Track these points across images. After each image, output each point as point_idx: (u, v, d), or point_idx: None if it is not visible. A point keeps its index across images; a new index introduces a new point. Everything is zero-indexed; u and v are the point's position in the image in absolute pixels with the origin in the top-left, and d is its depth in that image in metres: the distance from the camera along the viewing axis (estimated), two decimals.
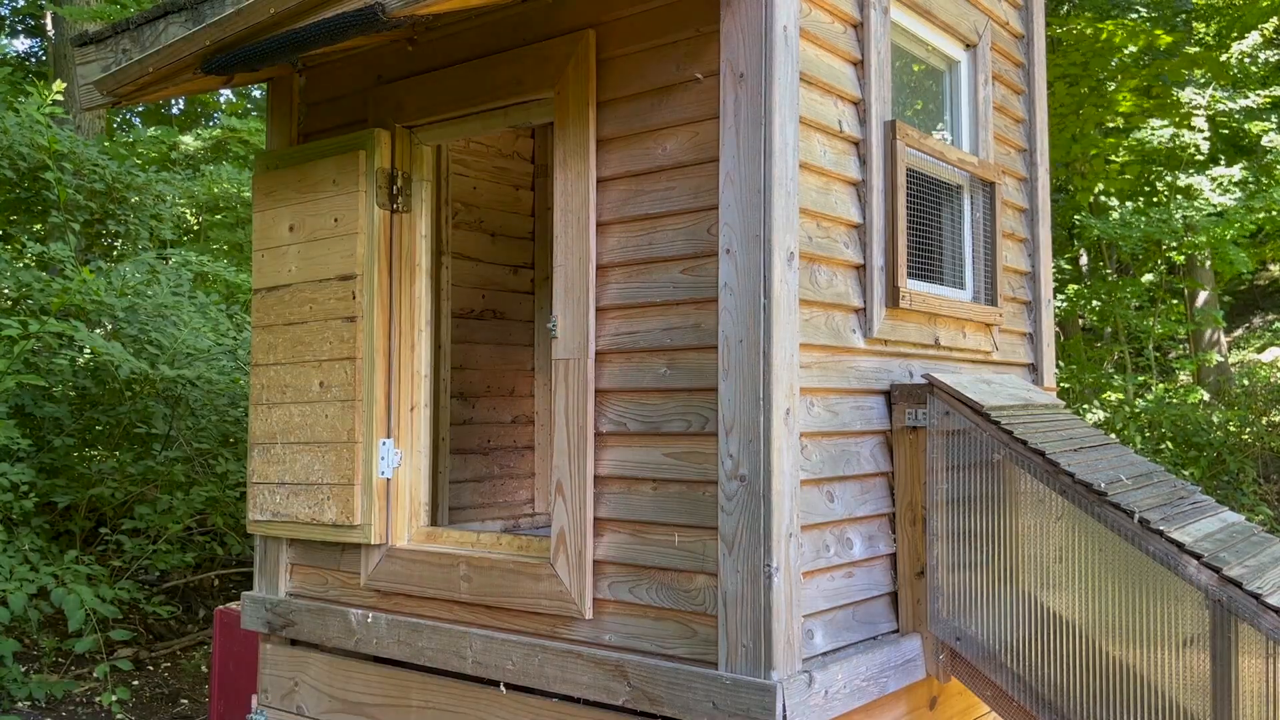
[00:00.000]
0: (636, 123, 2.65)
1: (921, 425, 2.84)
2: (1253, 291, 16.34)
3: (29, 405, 5.66)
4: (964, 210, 3.38)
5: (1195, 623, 2.37)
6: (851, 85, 2.81)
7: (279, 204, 3.32)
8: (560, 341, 2.71)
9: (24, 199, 6.83)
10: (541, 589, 2.71)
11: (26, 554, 4.99)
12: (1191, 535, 2.47)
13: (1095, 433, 3.07)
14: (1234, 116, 11.19)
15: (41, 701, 4.76)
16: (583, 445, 2.65)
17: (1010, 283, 3.61)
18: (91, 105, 3.28)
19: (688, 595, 2.50)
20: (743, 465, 2.40)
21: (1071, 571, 2.61)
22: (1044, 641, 2.63)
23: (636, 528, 2.59)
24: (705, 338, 2.50)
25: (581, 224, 2.69)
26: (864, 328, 2.83)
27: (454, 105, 3.04)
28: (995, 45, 3.57)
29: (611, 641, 2.62)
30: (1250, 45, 11.23)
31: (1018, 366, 3.64)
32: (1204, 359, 12.96)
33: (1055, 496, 2.62)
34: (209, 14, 2.91)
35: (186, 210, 10.26)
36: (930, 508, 2.83)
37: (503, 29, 2.93)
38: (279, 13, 2.62)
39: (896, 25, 3.06)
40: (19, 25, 15.82)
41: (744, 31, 2.46)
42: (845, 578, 2.69)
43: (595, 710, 2.62)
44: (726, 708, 2.37)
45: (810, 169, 2.62)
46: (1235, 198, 10.82)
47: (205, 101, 13.49)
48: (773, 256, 2.40)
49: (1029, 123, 3.79)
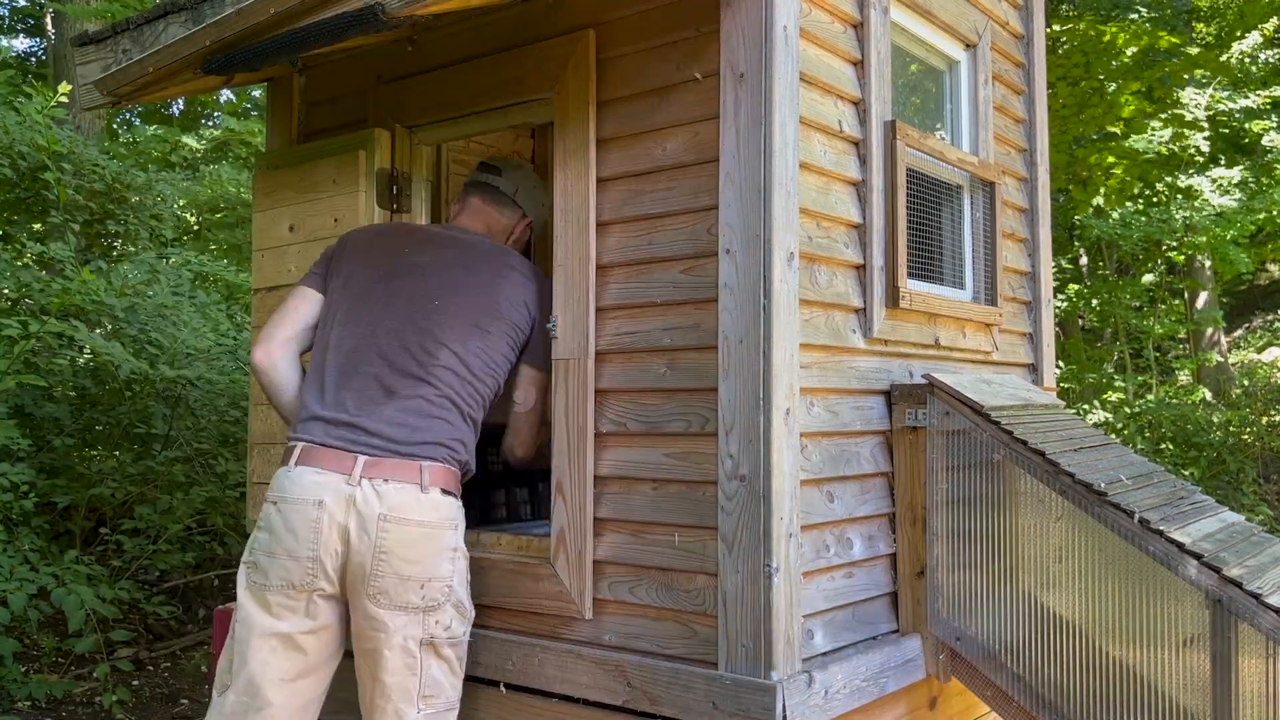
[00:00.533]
0: (636, 123, 2.65)
1: (921, 425, 2.84)
2: (1253, 291, 16.35)
3: (29, 405, 5.66)
4: (964, 210, 3.38)
5: (1195, 623, 2.37)
6: (851, 85, 2.81)
7: (279, 204, 3.31)
8: (560, 341, 2.71)
9: (24, 199, 6.83)
10: (541, 589, 2.71)
11: (26, 554, 4.99)
12: (1191, 535, 2.47)
13: (1095, 433, 3.07)
14: (1234, 116, 11.19)
15: (41, 702, 4.76)
16: (582, 445, 2.65)
17: (1010, 283, 3.61)
18: (91, 105, 3.27)
19: (688, 595, 2.50)
20: (743, 465, 2.40)
21: (1072, 571, 2.61)
22: (1044, 641, 2.63)
23: (636, 528, 2.59)
24: (705, 338, 2.50)
25: (581, 224, 2.69)
26: (864, 328, 2.82)
27: (454, 105, 3.05)
28: (995, 45, 3.57)
29: (611, 641, 2.62)
30: (1251, 45, 11.23)
31: (1018, 367, 3.64)
32: (1204, 359, 12.97)
33: (1055, 496, 2.62)
34: (209, 14, 2.91)
35: (187, 211, 10.26)
36: (930, 508, 2.82)
37: (503, 29, 2.93)
38: (279, 13, 2.61)
39: (896, 25, 3.06)
40: (19, 25, 15.82)
41: (744, 31, 2.46)
42: (845, 578, 2.69)
43: (595, 710, 2.62)
44: (726, 708, 2.37)
45: (810, 169, 2.62)
46: (1235, 199, 10.82)
47: (205, 102, 13.50)
48: (773, 256, 2.40)
49: (1029, 123, 3.79)
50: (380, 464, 2.42)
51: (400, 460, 2.44)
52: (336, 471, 2.42)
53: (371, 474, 2.41)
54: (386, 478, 2.41)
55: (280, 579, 2.42)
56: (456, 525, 2.50)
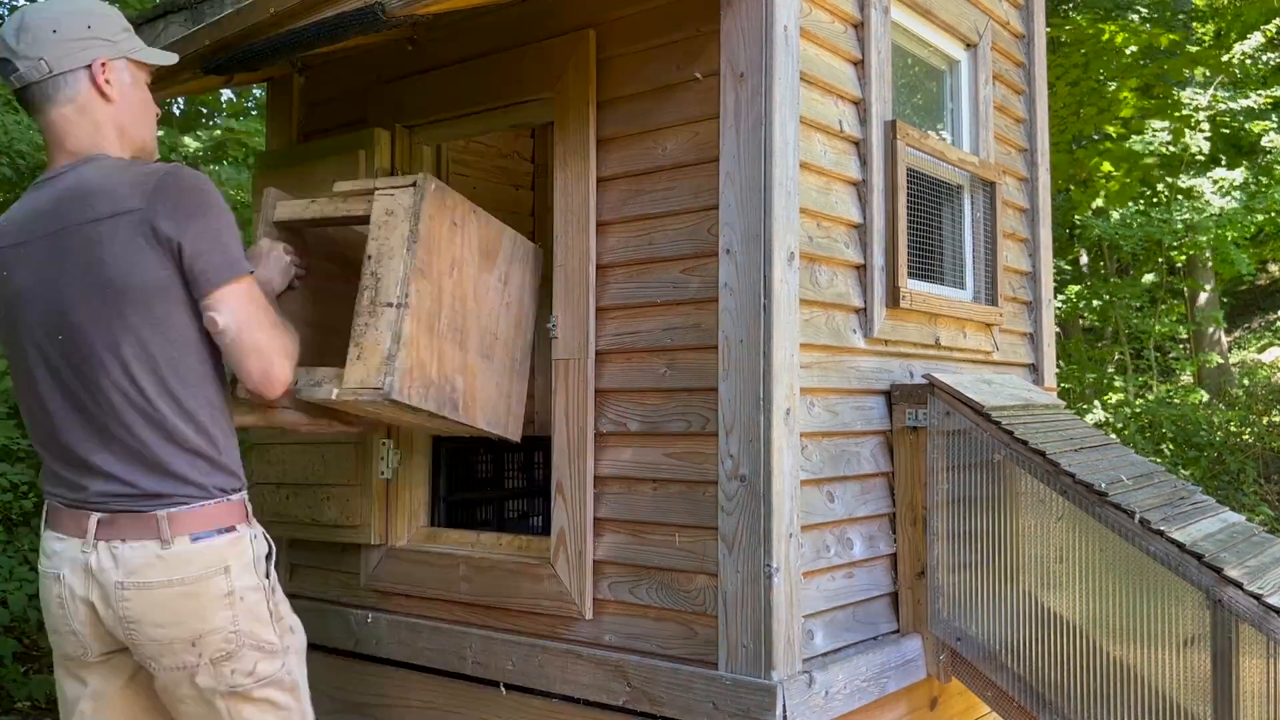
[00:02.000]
0: (636, 123, 2.65)
1: (922, 425, 2.84)
2: (1253, 291, 16.35)
3: None
4: (964, 210, 3.38)
5: (1196, 623, 2.37)
6: (852, 85, 2.81)
7: None
8: (560, 341, 2.71)
9: None
10: (541, 589, 2.71)
11: (26, 554, 4.99)
12: (1192, 535, 2.47)
13: (1096, 433, 3.07)
14: (1234, 116, 11.19)
15: (41, 702, 4.76)
16: (582, 445, 2.65)
17: (1011, 283, 3.60)
18: None
19: (688, 595, 2.50)
20: (743, 465, 2.40)
21: (1072, 572, 2.61)
22: (1045, 642, 2.63)
23: (637, 528, 2.59)
24: (705, 338, 2.50)
25: (581, 224, 2.69)
26: (864, 328, 2.82)
27: (454, 105, 3.04)
28: (996, 45, 3.57)
29: (612, 642, 2.62)
30: (1252, 47, 11.23)
31: (1018, 366, 3.64)
32: (1204, 359, 12.96)
33: (1056, 497, 2.61)
34: (209, 14, 2.91)
35: None
36: (931, 508, 2.82)
37: (503, 29, 2.93)
38: (279, 12, 2.61)
39: (897, 25, 3.06)
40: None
41: (744, 31, 2.46)
42: (845, 578, 2.69)
43: (595, 710, 2.62)
44: (727, 708, 2.37)
45: (810, 169, 2.62)
46: (1236, 199, 10.82)
47: (206, 102, 13.49)
48: (773, 256, 2.40)
49: (1029, 122, 3.79)
50: (114, 522, 2.01)
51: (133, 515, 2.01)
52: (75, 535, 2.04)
53: (105, 535, 2.00)
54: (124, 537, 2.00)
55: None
56: (227, 568, 2.04)
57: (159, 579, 1.99)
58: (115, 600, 1.99)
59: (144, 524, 1.99)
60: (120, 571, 1.99)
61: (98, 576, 2.00)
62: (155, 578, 1.99)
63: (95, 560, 2.00)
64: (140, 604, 1.99)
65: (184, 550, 2.00)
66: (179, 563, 2.00)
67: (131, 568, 1.98)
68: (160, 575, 1.99)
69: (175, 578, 2.00)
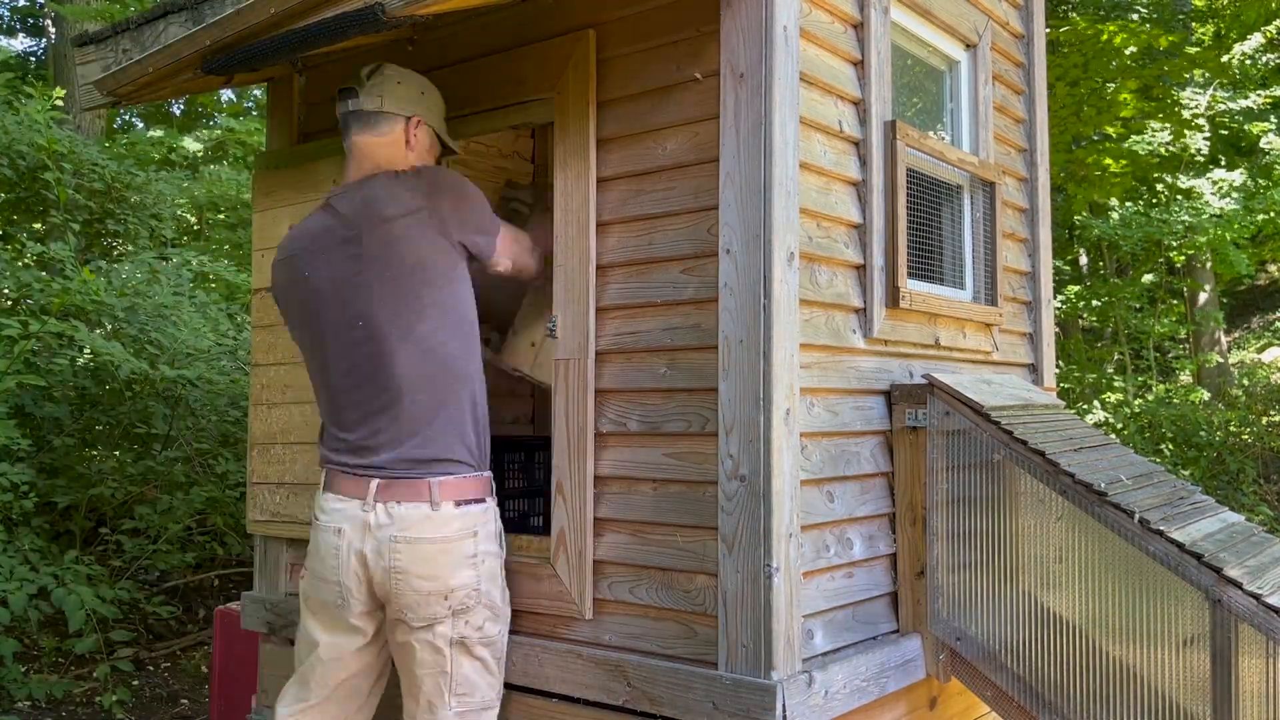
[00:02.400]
0: (636, 123, 2.65)
1: (922, 425, 2.84)
2: (1253, 291, 16.35)
3: (29, 405, 5.66)
4: (964, 210, 3.38)
5: (1195, 623, 2.37)
6: (852, 85, 2.81)
7: (279, 204, 3.31)
8: (560, 341, 2.71)
9: (24, 199, 6.83)
10: (541, 589, 2.71)
11: (26, 554, 4.99)
12: (1192, 535, 2.47)
13: (1095, 433, 3.07)
14: (1234, 117, 11.19)
15: (41, 702, 4.76)
16: (582, 445, 2.65)
17: (1010, 283, 3.61)
18: (91, 105, 3.27)
19: (688, 595, 2.50)
20: (743, 465, 2.40)
21: (1072, 571, 2.61)
22: (1044, 641, 2.63)
23: (637, 528, 2.59)
24: (705, 338, 2.50)
25: (581, 224, 2.69)
26: (864, 328, 2.83)
27: (453, 105, 3.04)
28: (995, 45, 3.57)
29: (611, 641, 2.62)
30: (1251, 48, 11.23)
31: (1018, 366, 3.64)
32: (1204, 359, 12.97)
33: (1055, 496, 2.62)
34: (209, 14, 2.91)
35: (187, 211, 10.26)
36: (930, 508, 2.83)
37: (502, 29, 2.93)
38: (279, 13, 2.61)
39: (897, 25, 3.06)
40: (19, 25, 15.82)
41: (744, 31, 2.46)
42: (845, 578, 2.69)
43: (595, 710, 2.62)
44: (726, 708, 2.37)
45: (810, 169, 2.62)
46: (1235, 199, 10.83)
47: (206, 102, 13.49)
48: (773, 256, 2.40)
49: (1029, 123, 3.79)
50: (392, 487, 2.45)
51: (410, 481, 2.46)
52: (355, 496, 2.47)
53: (385, 497, 2.44)
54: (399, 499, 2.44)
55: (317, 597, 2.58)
56: (475, 533, 2.49)
57: (426, 536, 2.40)
58: (389, 552, 2.39)
59: (417, 489, 2.42)
60: (395, 527, 2.40)
61: (375, 531, 2.41)
62: (424, 534, 2.40)
63: (374, 518, 2.41)
64: (408, 556, 2.39)
65: (448, 513, 2.43)
66: (442, 523, 2.42)
67: (405, 524, 2.40)
68: (428, 533, 2.40)
69: (439, 536, 2.41)
